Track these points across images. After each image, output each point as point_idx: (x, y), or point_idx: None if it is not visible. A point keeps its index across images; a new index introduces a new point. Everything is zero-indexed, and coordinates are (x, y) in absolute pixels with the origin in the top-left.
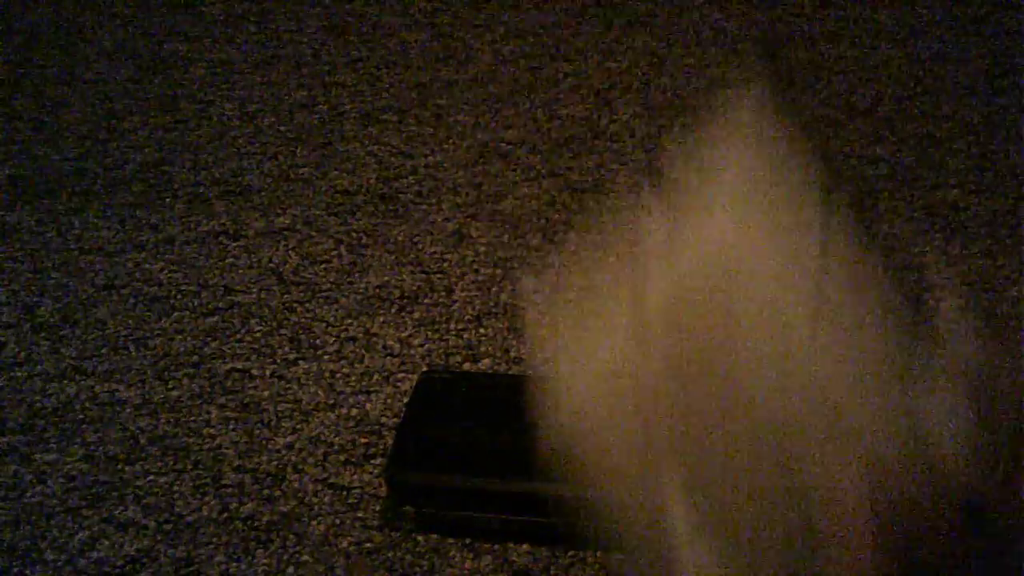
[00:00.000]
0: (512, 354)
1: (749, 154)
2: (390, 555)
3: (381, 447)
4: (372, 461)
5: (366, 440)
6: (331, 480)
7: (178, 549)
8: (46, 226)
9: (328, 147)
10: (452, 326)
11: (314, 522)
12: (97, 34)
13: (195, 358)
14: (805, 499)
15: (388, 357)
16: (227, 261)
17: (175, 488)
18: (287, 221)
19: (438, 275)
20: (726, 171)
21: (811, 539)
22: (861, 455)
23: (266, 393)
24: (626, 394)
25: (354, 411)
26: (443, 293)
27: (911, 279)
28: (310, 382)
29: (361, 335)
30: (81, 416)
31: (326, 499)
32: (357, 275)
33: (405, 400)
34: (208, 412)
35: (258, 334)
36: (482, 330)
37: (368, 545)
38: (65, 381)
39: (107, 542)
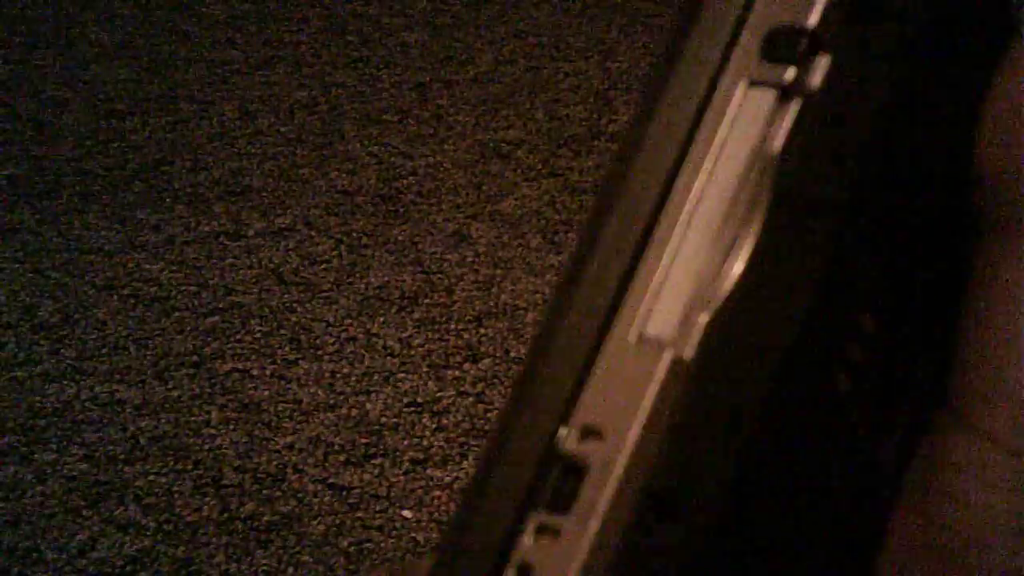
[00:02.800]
0: (512, 354)
1: None
2: (389, 555)
3: (381, 447)
4: (372, 461)
5: (366, 440)
6: (331, 480)
7: (178, 549)
8: (46, 226)
9: (328, 147)
10: (452, 326)
11: (314, 522)
12: (97, 34)
13: (195, 358)
14: None
15: (388, 357)
16: (227, 261)
17: (175, 488)
18: (287, 221)
19: (438, 275)
20: None
21: None
22: None
23: (266, 393)
24: None
25: (354, 411)
26: (443, 293)
27: None
28: (310, 382)
29: (361, 335)
30: (81, 416)
31: (326, 499)
32: (357, 275)
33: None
34: (208, 412)
35: (258, 334)
36: (482, 330)
37: (368, 545)
38: (65, 381)
39: (107, 542)
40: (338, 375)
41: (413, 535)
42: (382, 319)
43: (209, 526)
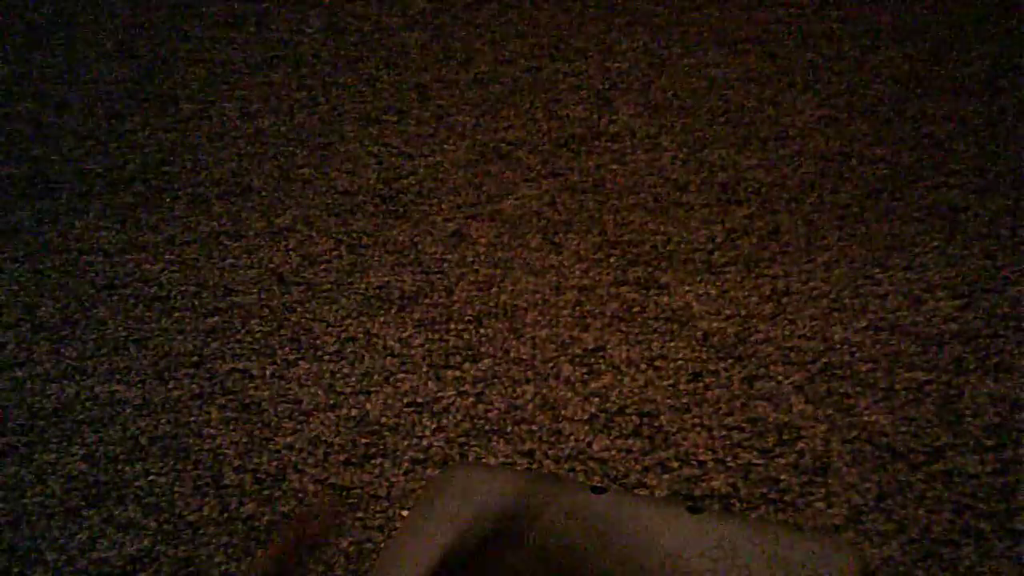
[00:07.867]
0: (512, 354)
1: None
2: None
3: (381, 447)
4: (372, 461)
5: (366, 440)
6: (331, 480)
7: (178, 549)
8: (46, 226)
9: (328, 147)
10: (452, 326)
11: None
12: (97, 34)
13: (195, 358)
14: None
15: (388, 357)
16: (227, 261)
17: (175, 488)
18: (287, 221)
19: (438, 275)
20: None
21: None
22: None
23: (266, 393)
24: None
25: (354, 411)
26: (443, 293)
27: (911, 279)
28: (310, 382)
29: (361, 335)
30: (81, 416)
31: (326, 499)
32: (357, 275)
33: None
34: (208, 412)
35: (258, 334)
36: (482, 330)
37: (368, 545)
38: (65, 381)
39: (107, 542)
40: (338, 375)
41: None
42: (382, 319)
43: (209, 526)
